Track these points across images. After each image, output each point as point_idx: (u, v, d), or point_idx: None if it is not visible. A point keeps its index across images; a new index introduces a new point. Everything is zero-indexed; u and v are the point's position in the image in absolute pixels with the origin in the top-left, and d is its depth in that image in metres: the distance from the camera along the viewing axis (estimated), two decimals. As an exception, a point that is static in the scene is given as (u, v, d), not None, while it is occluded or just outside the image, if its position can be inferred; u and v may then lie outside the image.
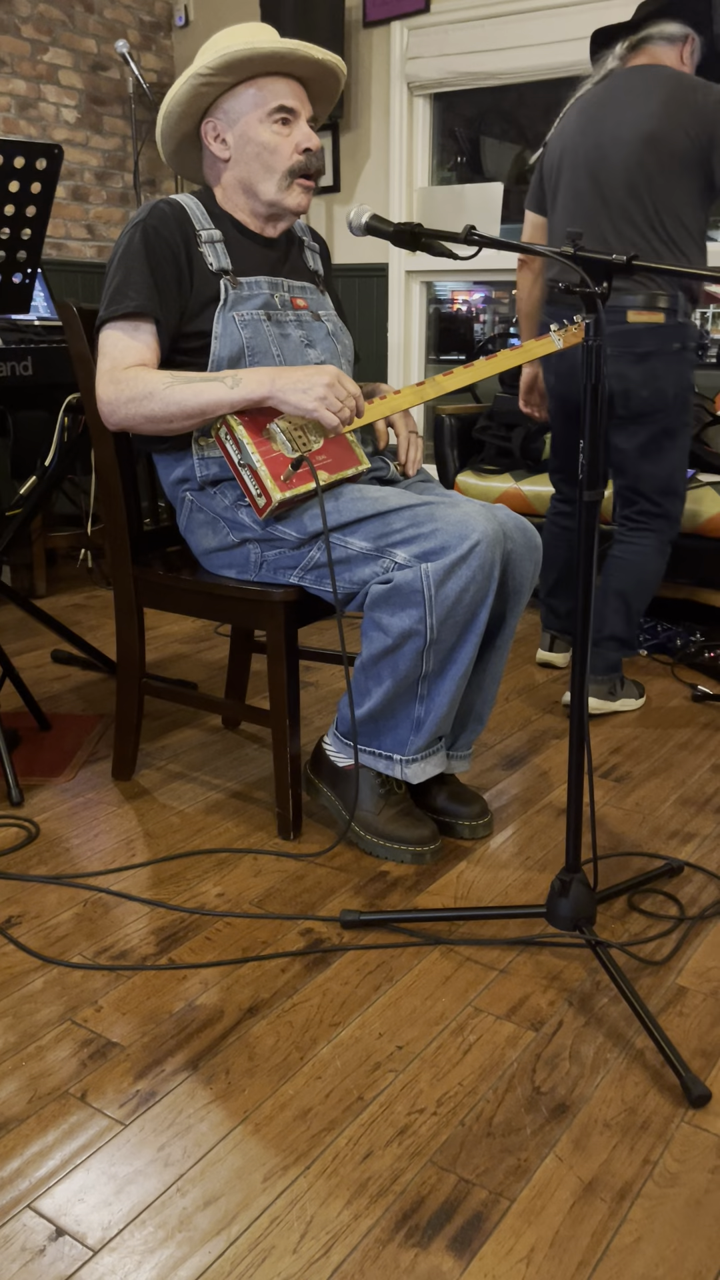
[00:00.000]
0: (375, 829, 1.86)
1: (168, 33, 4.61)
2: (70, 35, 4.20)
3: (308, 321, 1.90)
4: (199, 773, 2.21)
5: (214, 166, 1.87)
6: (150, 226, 1.78)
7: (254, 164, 1.81)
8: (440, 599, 1.66)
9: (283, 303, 1.87)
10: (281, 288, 1.88)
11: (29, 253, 2.09)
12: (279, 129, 1.80)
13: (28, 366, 2.30)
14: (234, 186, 1.85)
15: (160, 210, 1.81)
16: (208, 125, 1.83)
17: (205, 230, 1.83)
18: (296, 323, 1.88)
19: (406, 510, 1.72)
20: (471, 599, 1.68)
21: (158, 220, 1.79)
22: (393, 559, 1.70)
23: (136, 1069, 1.34)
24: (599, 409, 1.35)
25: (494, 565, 1.69)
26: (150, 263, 1.76)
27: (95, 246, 4.44)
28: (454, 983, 1.52)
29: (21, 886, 1.76)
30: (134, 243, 1.77)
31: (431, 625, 1.68)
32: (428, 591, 1.66)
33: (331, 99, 1.91)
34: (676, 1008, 1.47)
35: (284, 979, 1.53)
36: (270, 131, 1.80)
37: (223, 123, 1.82)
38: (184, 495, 1.91)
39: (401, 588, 1.68)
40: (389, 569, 1.70)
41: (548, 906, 1.52)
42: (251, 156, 1.81)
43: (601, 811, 2.05)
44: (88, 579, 3.88)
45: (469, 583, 1.67)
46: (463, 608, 1.68)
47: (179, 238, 1.80)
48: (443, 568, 1.65)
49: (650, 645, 3.01)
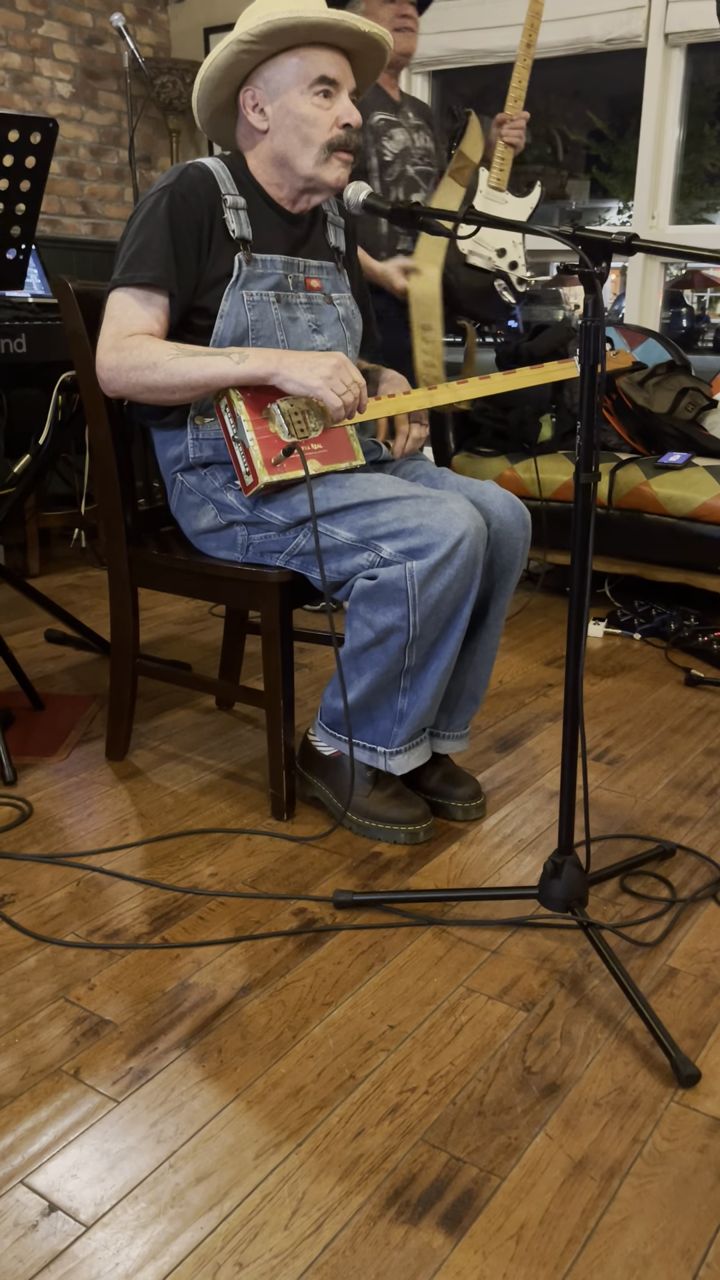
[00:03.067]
0: (367, 811, 1.86)
1: (163, 6, 4.56)
2: (65, 8, 4.15)
3: (319, 304, 1.88)
4: (193, 753, 2.21)
5: (250, 136, 1.82)
6: (178, 194, 1.74)
7: (292, 136, 1.76)
8: (424, 598, 1.66)
9: (295, 284, 1.85)
10: (297, 268, 1.85)
11: (23, 228, 2.07)
12: (320, 101, 1.74)
13: (21, 344, 2.28)
14: (268, 158, 1.81)
15: (189, 176, 1.76)
16: (246, 94, 1.78)
17: (231, 195, 1.79)
18: (307, 305, 1.86)
19: (393, 503, 1.70)
20: (454, 596, 1.69)
21: (185, 187, 1.75)
22: (378, 553, 1.69)
23: (129, 1047, 1.34)
24: (594, 390, 1.34)
25: (476, 562, 1.69)
26: (172, 232, 1.73)
27: (90, 223, 4.40)
28: (446, 963, 1.52)
29: (14, 865, 1.76)
30: (159, 208, 1.73)
31: (415, 623, 1.68)
32: (412, 590, 1.66)
33: (375, 73, 1.85)
34: (667, 989, 1.48)
35: (277, 958, 1.53)
36: (311, 104, 1.74)
37: (262, 92, 1.76)
38: (176, 476, 1.90)
39: (386, 586, 1.67)
40: (375, 563, 1.70)
41: (540, 888, 1.53)
42: (290, 129, 1.76)
43: (594, 794, 2.06)
44: (81, 559, 3.87)
45: (452, 581, 1.67)
46: (446, 605, 1.68)
47: (205, 205, 1.76)
48: (427, 567, 1.65)
49: (644, 629, 3.01)
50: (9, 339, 2.26)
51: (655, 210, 3.73)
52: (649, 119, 3.65)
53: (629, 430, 3.27)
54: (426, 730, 1.86)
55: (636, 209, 3.78)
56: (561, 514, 3.15)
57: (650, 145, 3.68)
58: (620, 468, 3.02)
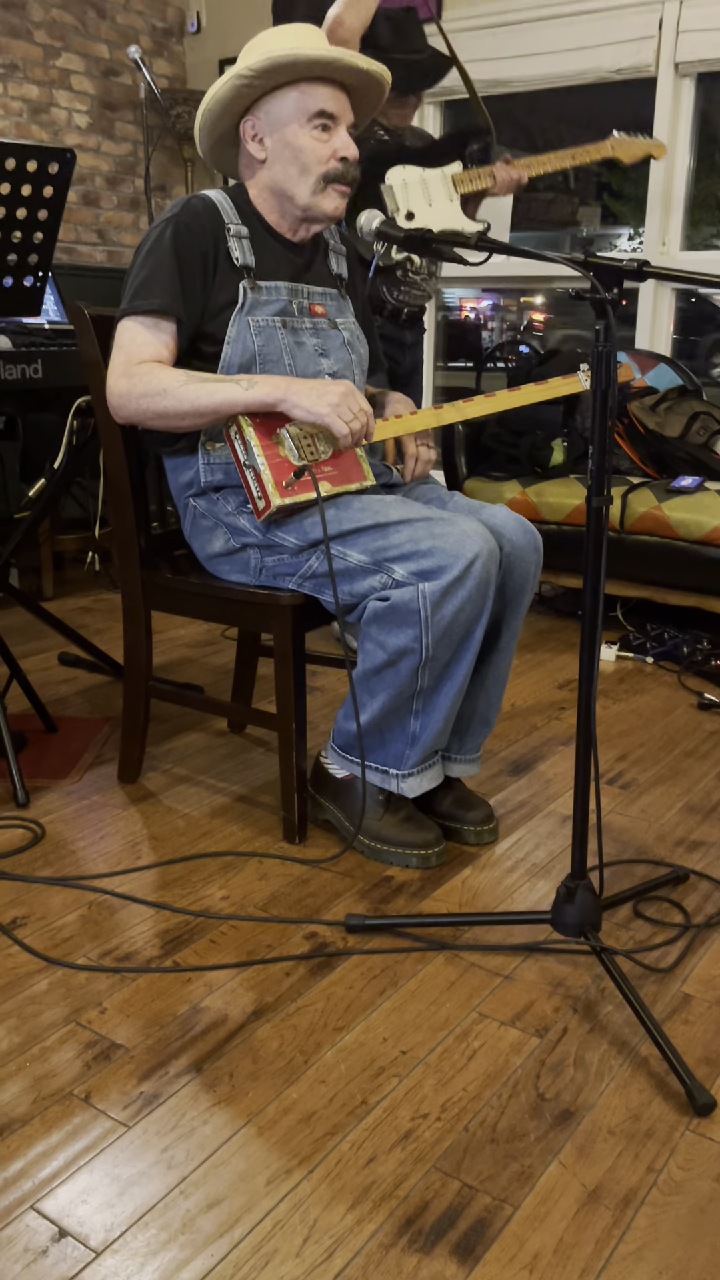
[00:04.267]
0: (379, 835, 1.86)
1: (179, 38, 4.63)
2: (83, 41, 4.22)
3: (324, 329, 1.90)
4: (205, 776, 2.21)
5: (250, 165, 1.85)
6: (182, 224, 1.77)
7: (290, 167, 1.80)
8: (436, 619, 1.67)
9: (300, 309, 1.87)
10: (300, 294, 1.88)
11: (40, 256, 2.10)
12: (319, 134, 1.78)
13: (37, 370, 2.30)
14: (268, 188, 1.84)
15: (193, 207, 1.80)
16: (246, 124, 1.81)
17: (234, 225, 1.82)
18: (312, 330, 1.88)
19: (405, 525, 1.71)
20: (467, 618, 1.69)
21: (190, 217, 1.78)
22: (391, 575, 1.70)
23: (140, 1071, 1.34)
24: (608, 415, 1.35)
25: (489, 584, 1.70)
26: (179, 260, 1.76)
27: (106, 251, 4.46)
28: (458, 988, 1.52)
29: (27, 888, 1.77)
30: (164, 238, 1.76)
31: (427, 644, 1.68)
32: (424, 611, 1.66)
33: (373, 108, 1.89)
34: (681, 1015, 1.46)
35: (289, 983, 1.52)
36: (309, 136, 1.78)
37: (262, 123, 1.80)
38: (189, 501, 1.91)
39: (399, 607, 1.68)
40: (387, 585, 1.70)
41: (553, 913, 1.52)
42: (288, 159, 1.79)
43: (607, 818, 2.05)
44: (95, 582, 3.89)
45: (465, 603, 1.67)
46: (458, 627, 1.69)
47: (209, 235, 1.79)
48: (440, 588, 1.65)
49: (657, 653, 3.01)
50: (25, 364, 2.28)
51: (666, 237, 3.76)
52: (659, 147, 3.67)
53: (640, 454, 3.28)
54: (439, 753, 1.86)
55: (647, 236, 3.80)
56: (573, 538, 3.15)
57: (661, 173, 3.71)
58: (632, 491, 3.03)
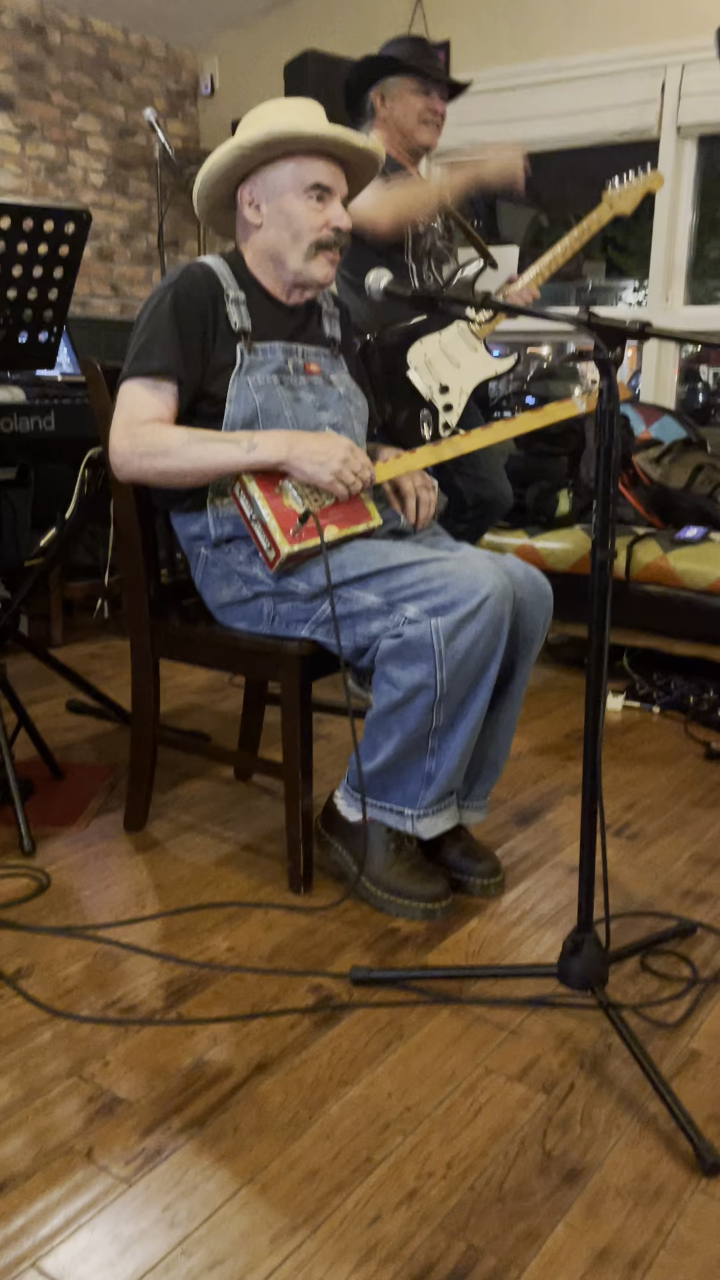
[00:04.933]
0: (386, 884, 1.85)
1: (193, 100, 4.76)
2: (99, 102, 4.34)
3: (320, 386, 1.94)
4: (211, 824, 2.21)
5: (245, 230, 1.91)
6: (181, 289, 1.82)
7: (284, 233, 1.85)
8: (450, 654, 1.68)
9: (296, 367, 1.91)
10: (296, 353, 1.92)
11: (55, 312, 2.14)
12: (313, 204, 1.84)
13: (50, 421, 2.34)
14: (262, 252, 1.90)
15: (192, 273, 1.85)
16: (244, 190, 1.87)
17: (232, 290, 1.87)
18: (309, 387, 1.92)
19: (416, 565, 1.74)
20: (481, 653, 1.70)
21: (189, 283, 1.83)
22: (403, 614, 1.72)
23: (143, 1125, 1.33)
24: (611, 470, 1.37)
25: (503, 619, 1.71)
26: (178, 324, 1.81)
27: (119, 304, 4.54)
28: (464, 1042, 1.50)
29: (31, 937, 1.76)
30: (164, 303, 1.81)
31: (441, 680, 1.69)
32: (438, 646, 1.68)
33: (366, 181, 1.96)
34: (690, 1072, 1.45)
35: (293, 1035, 1.51)
36: (304, 205, 1.83)
37: (259, 191, 1.86)
38: (199, 550, 1.94)
39: (412, 642, 1.69)
40: (399, 624, 1.72)
41: (559, 966, 1.51)
42: (282, 225, 1.85)
43: (613, 869, 2.04)
44: (104, 629, 3.91)
45: (478, 637, 1.68)
46: (472, 662, 1.70)
47: (207, 300, 1.84)
48: (452, 623, 1.67)
49: (664, 702, 3.01)
50: (39, 417, 2.32)
51: (669, 292, 3.82)
52: (662, 206, 3.75)
53: (645, 505, 3.30)
54: (454, 794, 1.86)
55: (651, 290, 3.87)
56: (580, 587, 3.16)
57: (664, 230, 3.78)
58: (637, 542, 3.05)
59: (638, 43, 3.64)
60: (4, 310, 2.06)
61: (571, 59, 3.74)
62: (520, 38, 3.85)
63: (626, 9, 3.63)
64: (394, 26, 4.11)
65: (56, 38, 4.14)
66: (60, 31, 4.15)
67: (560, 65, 3.77)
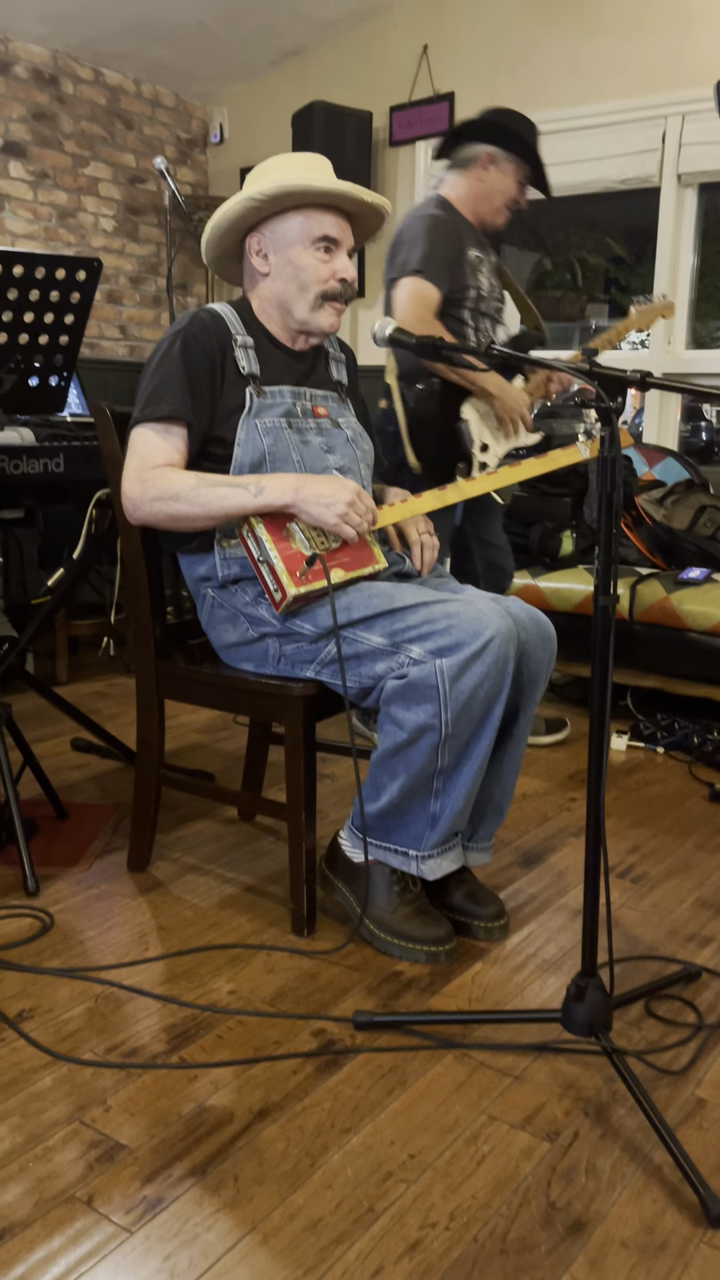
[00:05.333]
0: (390, 927, 1.85)
1: (203, 148, 4.85)
2: (110, 150, 4.42)
3: (327, 429, 1.97)
4: (214, 865, 2.21)
5: (253, 278, 1.95)
6: (190, 335, 1.86)
7: (291, 283, 1.89)
8: (455, 694, 1.68)
9: (304, 411, 1.94)
10: (304, 397, 1.95)
11: (65, 357, 2.18)
12: (321, 255, 1.88)
13: (59, 463, 2.37)
14: (270, 300, 1.93)
15: (200, 319, 1.88)
16: (252, 239, 1.91)
17: (240, 336, 1.90)
18: (316, 430, 1.95)
19: (421, 607, 1.75)
20: (486, 694, 1.71)
21: (198, 329, 1.87)
22: (408, 654, 1.73)
23: (144, 1173, 1.32)
24: (613, 517, 1.39)
25: (508, 660, 1.72)
26: (187, 369, 1.83)
27: (127, 346, 4.60)
28: (468, 1089, 1.49)
29: (34, 979, 1.76)
30: (173, 350, 1.84)
31: (446, 720, 1.70)
32: (442, 687, 1.68)
33: (373, 232, 2.00)
34: (695, 1120, 1.44)
35: (295, 1080, 1.51)
36: (312, 257, 1.87)
37: (268, 240, 1.90)
38: (206, 592, 1.95)
39: (416, 683, 1.70)
40: (404, 664, 1.73)
41: (563, 1011, 1.51)
42: (289, 276, 1.89)
43: (618, 913, 2.04)
44: (109, 666, 3.92)
45: (483, 678, 1.69)
46: (477, 703, 1.70)
47: (216, 345, 1.87)
48: (457, 663, 1.68)
49: (668, 743, 3.01)
50: (48, 459, 2.35)
51: (671, 336, 3.86)
52: (664, 251, 3.81)
53: (648, 545, 3.32)
54: (459, 835, 1.86)
55: (653, 335, 3.91)
56: (583, 627, 3.18)
57: (666, 275, 3.83)
58: (641, 582, 3.07)
59: (639, 94, 3.71)
60: (15, 355, 2.10)
61: (575, 110, 3.82)
62: (525, 90, 3.93)
63: (629, 62, 3.71)
64: (400, 79, 4.20)
65: (69, 88, 4.23)
66: (73, 82, 4.24)
67: (564, 116, 3.84)
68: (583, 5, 3.77)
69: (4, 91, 4.02)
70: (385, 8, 4.17)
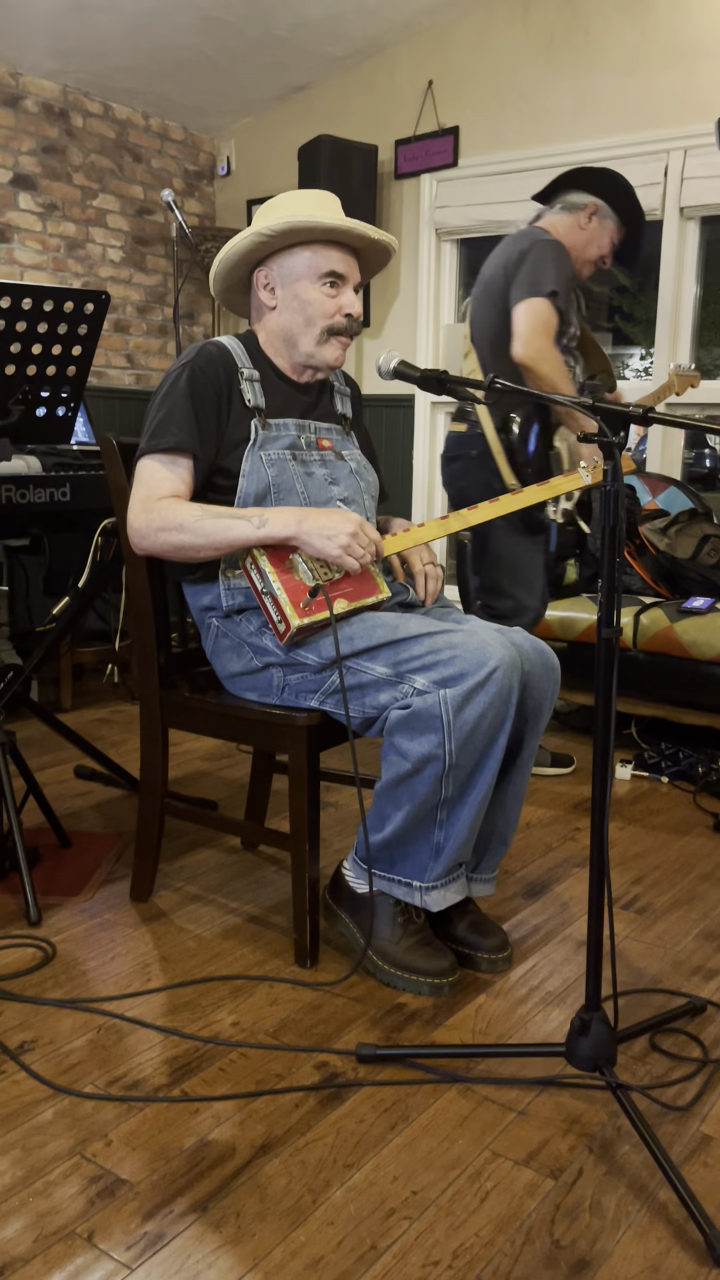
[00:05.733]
0: (393, 959, 1.84)
1: (210, 180, 4.91)
2: (119, 183, 4.48)
3: (331, 461, 1.98)
4: (217, 895, 2.21)
5: (260, 311, 1.97)
6: (197, 367, 1.88)
7: (297, 317, 1.91)
8: (459, 724, 1.69)
9: (308, 443, 1.96)
10: (308, 429, 1.97)
11: (73, 388, 2.20)
12: (327, 290, 1.90)
13: (66, 493, 2.39)
14: (276, 333, 1.95)
15: (207, 352, 1.91)
16: (260, 273, 1.94)
17: (246, 369, 1.92)
18: (320, 462, 1.96)
19: (425, 637, 1.76)
20: (490, 724, 1.71)
21: (204, 361, 1.89)
22: (412, 684, 1.73)
23: (145, 1208, 1.31)
24: (615, 550, 1.39)
25: (511, 691, 1.72)
26: (194, 402, 1.85)
27: (134, 374, 4.64)
28: (471, 1124, 1.48)
29: (36, 1010, 1.75)
30: (180, 382, 1.86)
31: (450, 750, 1.70)
32: (446, 717, 1.69)
33: (379, 268, 2.02)
34: (701, 1158, 1.42)
35: (298, 1115, 1.50)
36: (319, 292, 1.90)
37: (275, 275, 1.92)
38: (210, 621, 1.96)
39: (420, 713, 1.70)
40: (408, 694, 1.73)
41: (567, 1045, 1.50)
42: (296, 310, 1.91)
43: (622, 945, 2.03)
44: (114, 694, 3.93)
45: (487, 708, 1.69)
46: (481, 733, 1.71)
47: (222, 378, 1.89)
48: (461, 694, 1.68)
49: (672, 772, 3.00)
50: (54, 488, 2.37)
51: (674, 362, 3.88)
52: (667, 281, 3.84)
53: (652, 574, 3.33)
54: (463, 866, 1.85)
55: (657, 362, 3.94)
56: (586, 655, 3.18)
57: (669, 304, 3.86)
58: (644, 611, 3.07)
59: (641, 129, 3.76)
60: (24, 386, 2.11)
61: (578, 144, 3.86)
62: (529, 125, 3.98)
63: (631, 98, 3.76)
64: (405, 113, 4.25)
65: (79, 121, 4.29)
66: (83, 116, 4.30)
67: (567, 150, 3.88)
68: (585, 42, 3.83)
69: (14, 125, 4.08)
70: (391, 45, 4.23)
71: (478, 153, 4.12)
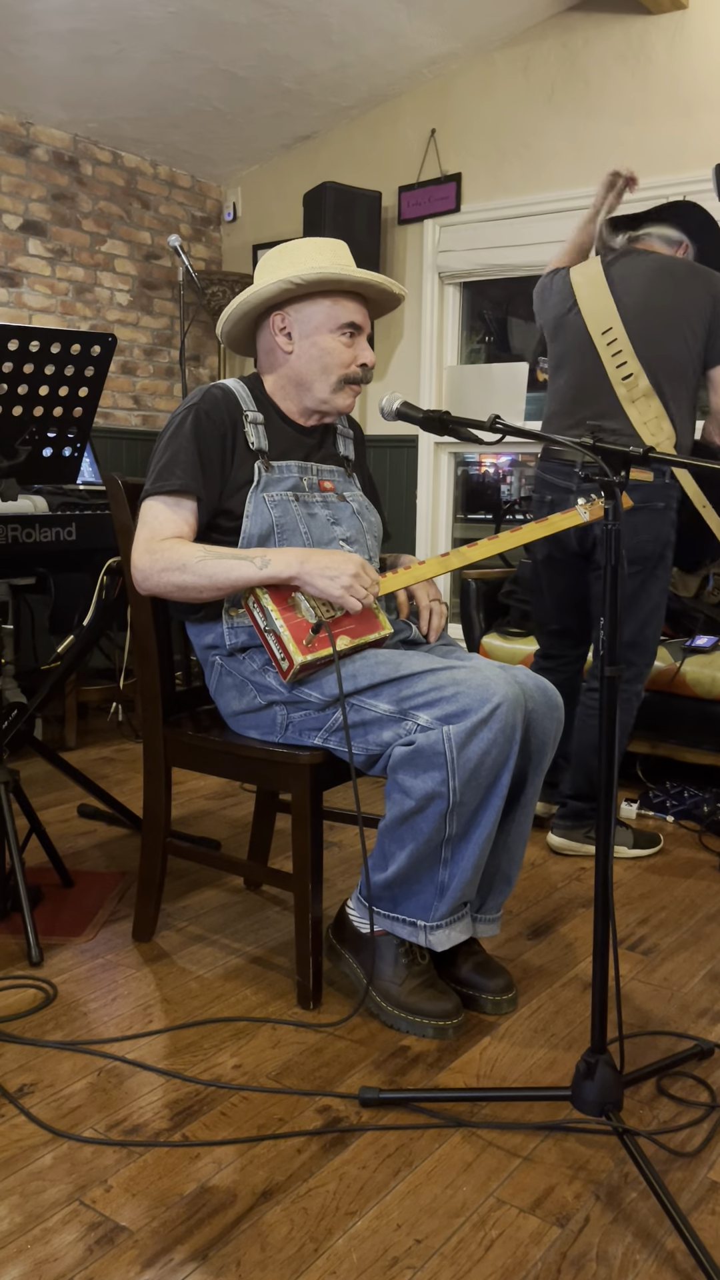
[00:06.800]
0: (397, 1000, 1.82)
1: (217, 225, 4.99)
2: (127, 228, 4.55)
3: (334, 502, 2.00)
4: (219, 935, 2.19)
5: (272, 355, 1.99)
6: (202, 411, 1.90)
7: (314, 365, 1.94)
8: (462, 761, 1.68)
9: (310, 485, 1.98)
10: (311, 471, 1.99)
11: (79, 429, 2.22)
12: (345, 340, 1.94)
13: (71, 532, 2.40)
14: (288, 378, 1.98)
15: (212, 395, 1.93)
16: (276, 318, 1.96)
17: (251, 412, 1.95)
18: (323, 503, 1.98)
19: (428, 674, 1.76)
20: (494, 761, 1.70)
21: (209, 405, 1.91)
22: (415, 721, 1.73)
23: (144, 1257, 1.29)
24: (618, 589, 1.40)
25: (515, 728, 1.72)
26: (199, 444, 1.88)
27: (140, 415, 4.68)
28: (476, 1170, 1.46)
29: (36, 1052, 1.73)
30: (185, 425, 1.89)
31: (454, 788, 1.69)
32: (450, 754, 1.68)
33: (383, 314, 2.08)
34: (709, 1205, 1.40)
35: (300, 1160, 1.48)
36: (336, 341, 1.94)
37: (293, 321, 1.95)
38: (214, 659, 1.97)
39: (424, 750, 1.70)
40: (411, 731, 1.73)
41: (573, 1089, 1.48)
42: (313, 358, 1.94)
43: (628, 986, 2.00)
44: (118, 732, 3.93)
45: (491, 745, 1.69)
46: (485, 770, 1.70)
47: (227, 421, 1.92)
48: (465, 730, 1.68)
49: (677, 811, 2.99)
50: (60, 527, 2.39)
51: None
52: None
53: (656, 613, 3.33)
54: (468, 905, 1.84)
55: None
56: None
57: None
58: (648, 650, 3.07)
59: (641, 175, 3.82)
60: (31, 427, 2.14)
61: (577, 190, 3.92)
62: (529, 171, 4.05)
63: (629, 145, 3.83)
64: (408, 160, 4.33)
65: (89, 169, 4.37)
66: (92, 164, 4.39)
67: (567, 196, 3.95)
68: (585, 91, 3.90)
69: (25, 173, 4.15)
70: (395, 95, 4.32)
71: (480, 198, 4.19)
